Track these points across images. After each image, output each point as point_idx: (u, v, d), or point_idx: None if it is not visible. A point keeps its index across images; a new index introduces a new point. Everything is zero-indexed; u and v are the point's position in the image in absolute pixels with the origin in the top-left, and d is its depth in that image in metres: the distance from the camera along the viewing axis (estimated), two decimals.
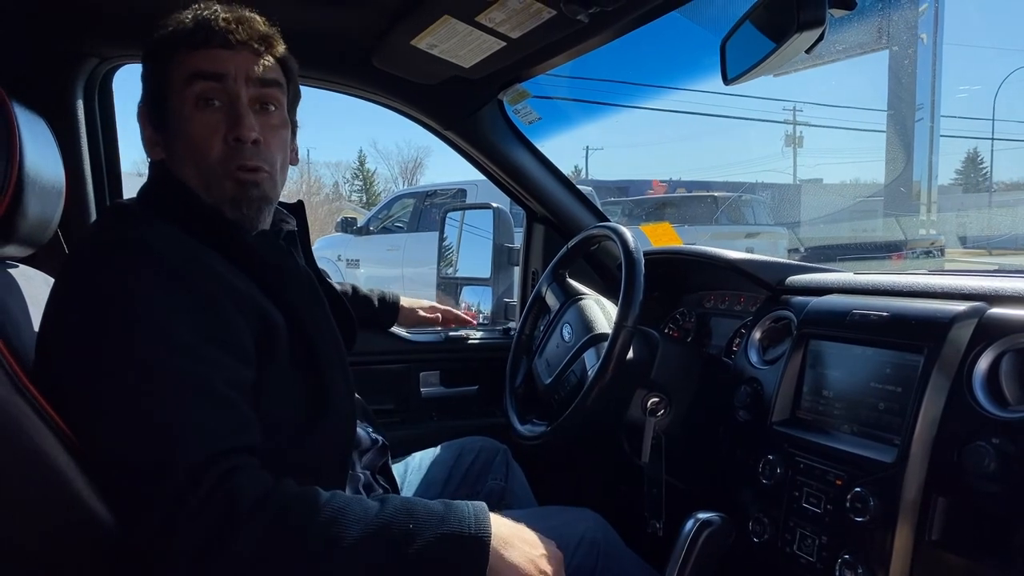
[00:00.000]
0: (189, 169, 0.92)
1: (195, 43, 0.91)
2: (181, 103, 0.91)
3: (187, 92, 0.91)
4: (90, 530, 0.74)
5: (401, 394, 1.79)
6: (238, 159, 0.92)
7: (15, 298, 0.91)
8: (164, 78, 0.93)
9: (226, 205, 0.93)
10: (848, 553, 0.93)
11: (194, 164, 0.92)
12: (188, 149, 0.92)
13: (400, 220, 8.35)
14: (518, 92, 1.63)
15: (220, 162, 0.92)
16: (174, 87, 0.92)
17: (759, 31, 1.02)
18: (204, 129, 0.91)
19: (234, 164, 0.92)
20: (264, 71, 0.94)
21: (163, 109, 0.94)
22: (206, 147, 0.91)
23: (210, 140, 0.91)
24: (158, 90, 0.94)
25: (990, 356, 0.88)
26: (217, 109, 0.91)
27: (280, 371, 0.89)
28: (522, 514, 0.87)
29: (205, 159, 0.91)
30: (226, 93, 0.92)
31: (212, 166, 0.91)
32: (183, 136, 0.92)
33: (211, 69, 0.91)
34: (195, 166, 0.92)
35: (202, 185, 0.93)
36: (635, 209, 10.72)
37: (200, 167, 0.92)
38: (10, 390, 0.72)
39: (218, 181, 0.92)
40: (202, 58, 0.91)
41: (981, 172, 33.68)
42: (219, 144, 0.91)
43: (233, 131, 0.91)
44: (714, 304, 1.56)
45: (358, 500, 0.78)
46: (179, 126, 0.92)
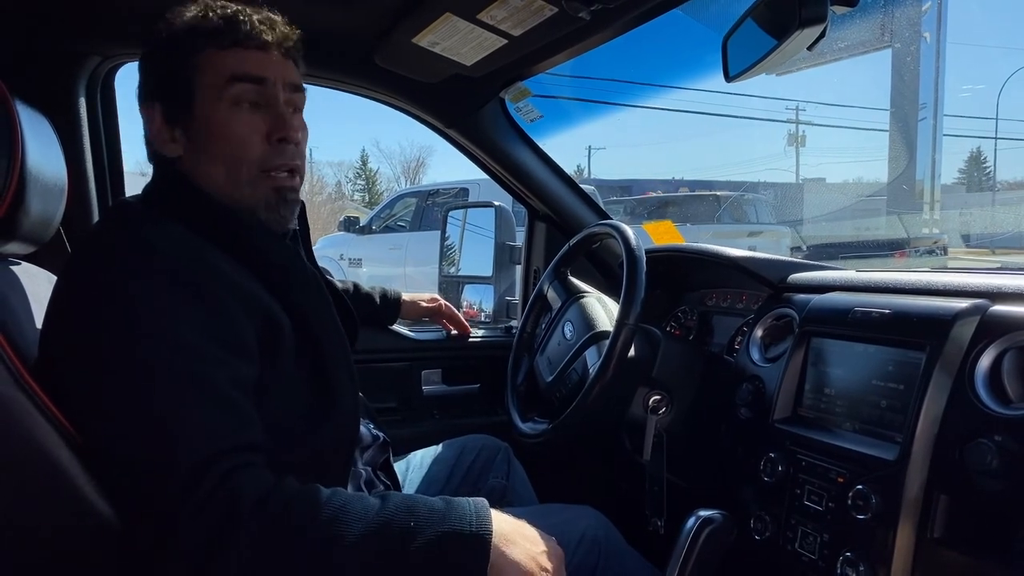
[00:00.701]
0: (217, 168, 0.92)
1: (226, 42, 0.91)
2: (215, 102, 0.91)
3: (224, 92, 0.90)
4: (92, 527, 0.74)
5: (403, 392, 1.79)
6: (278, 159, 0.93)
7: (17, 295, 0.92)
8: (189, 73, 0.91)
9: (261, 207, 0.94)
10: (850, 551, 0.92)
11: (227, 164, 0.92)
12: (223, 149, 0.91)
13: (402, 219, 8.36)
14: (520, 90, 1.63)
15: (260, 162, 0.92)
16: (204, 85, 0.91)
17: (761, 28, 1.02)
18: (244, 129, 0.91)
19: (273, 164, 0.93)
20: (294, 74, 0.96)
21: (186, 106, 0.92)
22: (247, 147, 0.92)
23: (250, 140, 0.91)
24: (178, 86, 0.92)
25: (992, 353, 0.88)
26: (256, 110, 0.92)
27: (285, 370, 0.89)
28: (523, 512, 0.87)
29: (243, 159, 0.92)
30: (266, 95, 0.92)
31: (250, 167, 0.92)
32: (218, 135, 0.91)
33: (254, 73, 0.91)
34: (228, 165, 0.92)
35: (231, 184, 0.92)
36: (637, 208, 10.72)
37: (236, 168, 0.92)
38: (12, 386, 0.72)
39: (254, 182, 0.93)
40: (239, 59, 0.91)
41: (984, 171, 33.62)
42: (260, 144, 0.92)
43: (278, 132, 0.92)
44: (716, 302, 1.56)
45: (359, 498, 0.78)
46: (211, 125, 0.91)
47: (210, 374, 0.78)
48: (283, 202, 0.95)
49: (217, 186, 0.93)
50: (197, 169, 0.93)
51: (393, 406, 1.78)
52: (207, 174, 0.93)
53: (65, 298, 0.84)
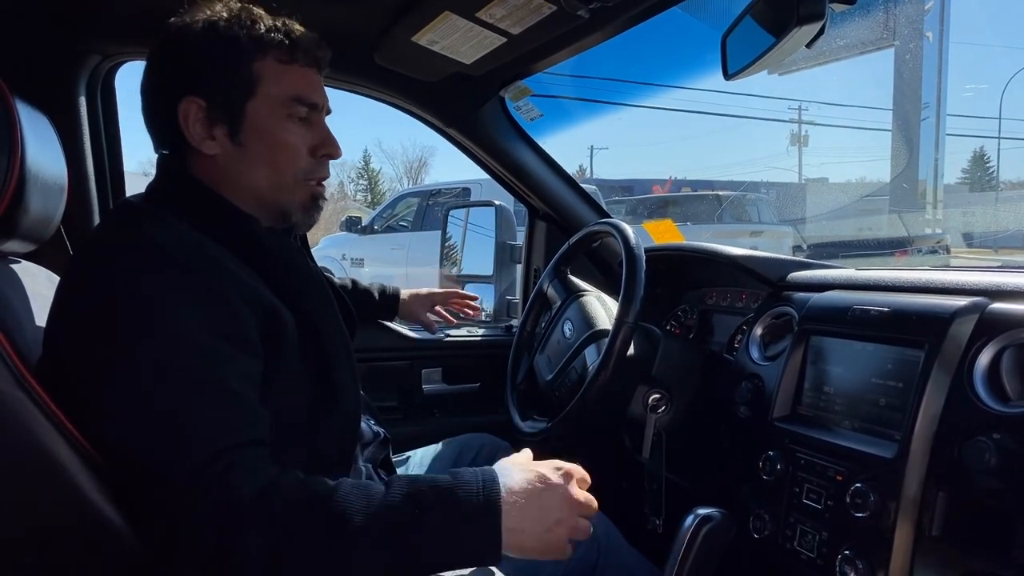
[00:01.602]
0: (261, 170, 0.95)
1: (286, 57, 0.94)
2: (272, 111, 0.94)
3: (284, 108, 0.95)
4: (93, 526, 0.74)
5: (403, 391, 1.79)
6: (320, 172, 1.00)
7: (17, 294, 0.92)
8: (249, 79, 0.93)
9: (297, 210, 0.99)
10: (849, 548, 0.92)
11: (274, 168, 0.95)
12: (273, 154, 0.95)
13: (404, 219, 8.37)
14: (520, 89, 1.63)
15: (304, 172, 0.98)
16: (264, 94, 0.93)
17: (759, 26, 1.02)
18: (296, 141, 0.96)
19: (316, 177, 1.00)
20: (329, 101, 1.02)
21: (237, 110, 0.93)
22: (296, 157, 0.96)
23: (299, 152, 0.97)
24: (236, 88, 0.93)
25: (991, 351, 0.88)
26: (305, 125, 0.97)
27: (288, 367, 0.89)
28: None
29: (291, 167, 0.96)
30: (315, 116, 0.98)
31: (295, 174, 0.97)
32: (271, 143, 0.95)
33: (312, 99, 0.97)
34: (274, 170, 0.96)
35: (273, 187, 0.96)
36: (639, 207, 10.72)
37: (282, 173, 0.96)
38: (12, 385, 0.72)
39: (294, 188, 0.98)
40: (299, 79, 0.96)
41: (987, 171, 33.54)
42: (305, 156, 0.97)
43: (324, 149, 0.99)
44: (716, 301, 1.56)
45: (364, 485, 0.78)
46: (267, 133, 0.94)
47: (218, 370, 0.78)
48: (315, 207, 1.02)
49: (256, 187, 0.96)
50: (230, 169, 0.94)
51: (394, 404, 1.78)
52: (247, 174, 0.95)
53: (70, 297, 0.84)
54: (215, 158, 0.94)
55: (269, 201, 0.97)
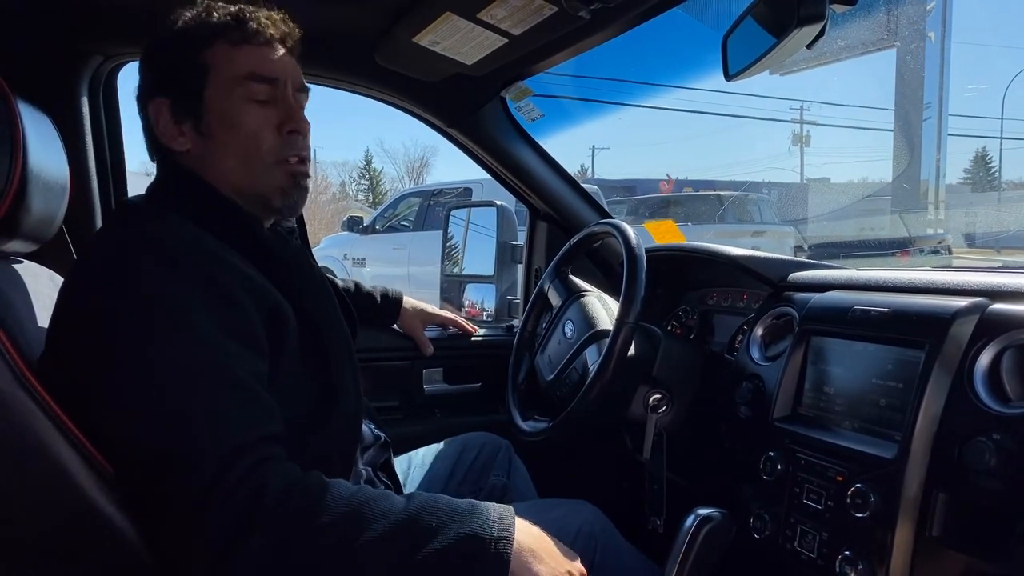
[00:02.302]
0: (230, 159, 0.94)
1: (236, 38, 0.93)
2: (228, 97, 0.93)
3: (238, 88, 0.93)
4: (94, 526, 0.74)
5: (405, 391, 1.79)
6: (291, 150, 0.97)
7: (19, 294, 0.92)
8: (200, 68, 0.93)
9: (276, 194, 0.97)
10: (849, 549, 0.92)
11: (242, 155, 0.94)
12: (237, 141, 0.94)
13: (406, 219, 8.37)
14: (521, 89, 1.63)
15: (272, 153, 0.95)
16: (217, 79, 0.93)
17: (760, 26, 1.02)
18: (258, 121, 0.94)
19: (286, 155, 0.96)
20: (299, 74, 1.00)
21: (197, 99, 0.94)
22: (260, 139, 0.94)
23: (263, 132, 0.94)
24: (190, 80, 0.93)
25: (991, 352, 0.88)
26: (267, 104, 0.95)
27: (290, 366, 0.89)
28: (520, 507, 0.87)
29: (257, 150, 0.94)
30: (277, 93, 0.96)
31: (264, 157, 0.95)
32: (232, 128, 0.94)
33: (267, 73, 0.94)
34: (242, 157, 0.94)
35: (246, 175, 0.95)
36: (640, 207, 10.72)
37: (251, 158, 0.95)
38: (14, 385, 0.72)
39: (268, 171, 0.96)
40: (251, 57, 0.94)
41: (989, 171, 33.50)
42: (272, 136, 0.95)
43: (289, 124, 0.96)
44: (716, 301, 1.56)
45: (384, 495, 0.78)
46: (226, 119, 0.93)
47: (231, 366, 0.78)
48: (297, 187, 0.98)
49: (230, 177, 0.95)
50: (206, 162, 0.95)
51: (395, 404, 1.78)
52: (219, 166, 0.94)
53: (75, 297, 0.84)
54: (190, 153, 0.95)
55: (247, 189, 0.96)
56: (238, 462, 0.72)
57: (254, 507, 0.70)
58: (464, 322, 1.79)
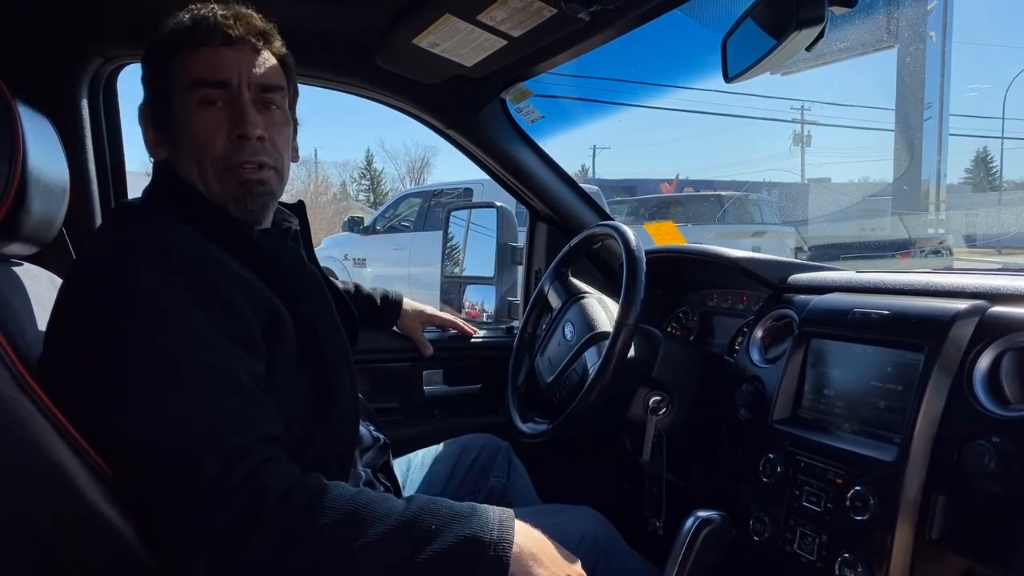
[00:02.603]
0: (192, 167, 0.93)
1: (195, 42, 0.92)
2: (184, 103, 0.92)
3: (191, 94, 0.92)
4: (94, 528, 0.75)
5: (405, 392, 1.79)
6: (241, 156, 0.93)
7: (19, 296, 0.92)
8: (166, 78, 0.94)
9: (229, 202, 0.94)
10: (848, 552, 0.92)
11: (197, 162, 0.93)
12: (191, 147, 0.93)
13: (406, 219, 8.37)
14: (520, 91, 1.63)
15: (223, 159, 0.92)
16: (176, 88, 0.93)
17: (760, 28, 1.02)
18: (207, 126, 0.92)
19: (237, 160, 0.93)
20: (265, 72, 0.95)
21: (166, 109, 0.94)
22: (209, 144, 0.92)
23: (213, 137, 0.92)
24: (160, 91, 0.95)
25: (991, 355, 0.88)
26: (220, 108, 0.92)
27: (286, 369, 0.89)
28: (523, 512, 0.87)
29: (208, 156, 0.92)
30: (229, 94, 0.93)
31: (215, 163, 0.92)
32: (186, 134, 0.93)
33: (214, 77, 0.92)
34: (198, 164, 0.93)
35: (204, 183, 0.93)
36: (640, 208, 10.71)
37: (203, 164, 0.92)
38: (13, 387, 0.72)
39: (221, 178, 0.93)
40: (204, 60, 0.92)
41: (991, 171, 33.48)
42: (222, 141, 0.92)
43: (237, 128, 0.92)
44: (717, 303, 1.55)
45: (384, 497, 0.78)
46: (182, 125, 0.93)
47: (230, 368, 0.78)
48: (250, 196, 0.94)
49: (195, 184, 0.94)
50: (182, 170, 0.95)
51: (395, 406, 1.78)
52: (188, 174, 0.94)
53: (74, 298, 0.84)
54: (168, 161, 0.96)
55: (209, 196, 0.94)
56: (238, 463, 0.72)
57: (255, 508, 0.70)
58: (463, 323, 1.79)
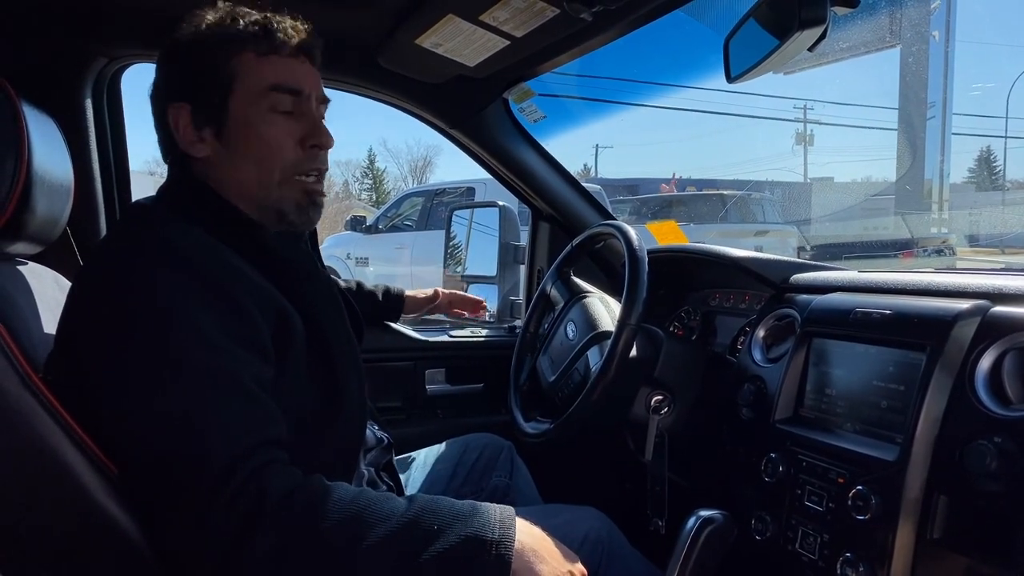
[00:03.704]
0: (249, 169, 0.94)
1: (263, 48, 0.93)
2: (252, 106, 0.93)
3: (263, 99, 0.93)
4: (99, 527, 0.75)
5: (407, 391, 1.80)
6: (310, 164, 0.97)
7: (24, 295, 0.93)
8: (226, 76, 0.92)
9: (291, 208, 0.97)
10: (850, 551, 0.93)
11: (259, 165, 0.94)
12: (256, 150, 0.94)
13: (409, 218, 8.37)
14: (523, 91, 1.63)
15: (293, 166, 0.95)
16: (243, 88, 0.93)
17: (762, 28, 1.02)
18: (279, 132, 0.94)
19: (305, 169, 0.96)
20: (320, 85, 0.99)
21: (218, 108, 0.93)
22: (279, 151, 0.94)
23: (283, 144, 0.94)
24: (210, 88, 0.93)
25: (993, 355, 0.88)
26: (291, 116, 0.95)
27: (296, 370, 0.90)
28: (526, 512, 0.87)
29: (277, 162, 0.94)
30: (301, 105, 0.96)
31: (283, 169, 0.95)
32: (252, 137, 0.93)
33: (292, 84, 0.94)
34: (260, 167, 0.94)
35: (261, 186, 0.95)
36: (642, 208, 10.70)
37: (268, 169, 0.94)
38: (19, 387, 0.72)
39: (284, 183, 0.95)
40: (278, 68, 0.94)
41: (994, 170, 33.39)
42: (293, 149, 0.95)
43: (312, 138, 0.96)
44: (719, 302, 1.56)
45: (386, 498, 0.79)
46: (246, 127, 0.93)
47: (237, 371, 0.79)
48: (312, 205, 0.99)
49: (246, 187, 0.95)
50: (223, 169, 0.94)
51: (397, 405, 1.79)
52: (236, 175, 0.94)
53: (85, 299, 0.84)
54: (208, 160, 0.94)
55: (262, 200, 0.95)
56: (241, 466, 0.72)
57: (256, 511, 0.71)
58: (470, 296, 1.80)
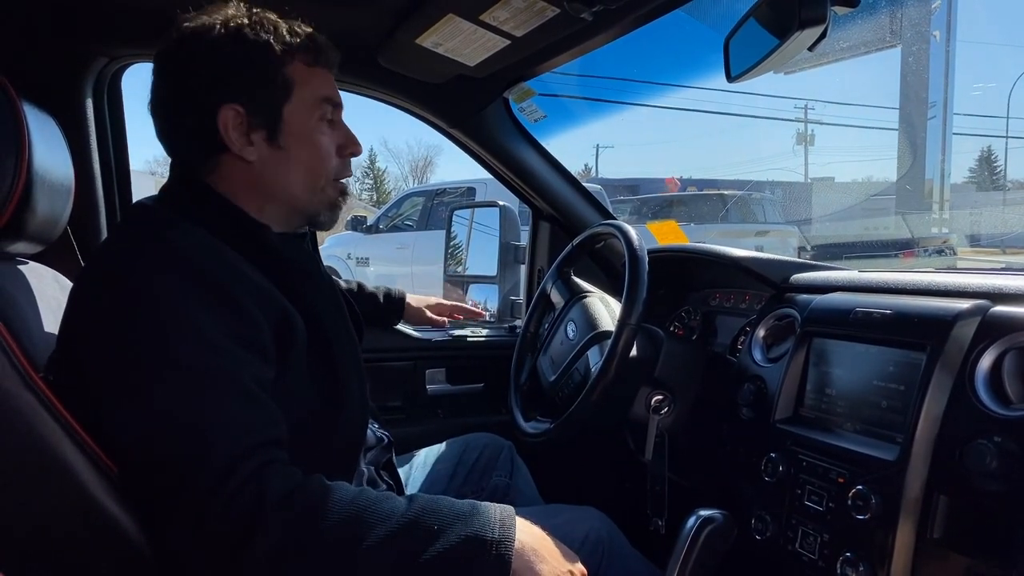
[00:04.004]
0: (299, 173, 0.98)
1: (312, 60, 0.97)
2: (306, 116, 0.97)
3: (315, 110, 0.97)
4: (101, 526, 0.75)
5: (408, 391, 1.80)
6: (346, 171, 1.05)
7: (25, 295, 0.93)
8: (284, 84, 0.94)
9: (324, 209, 1.03)
10: (850, 551, 0.92)
11: (310, 172, 0.99)
12: (310, 158, 0.98)
13: (410, 218, 8.37)
14: (523, 90, 1.63)
15: (336, 172, 1.02)
16: (295, 99, 0.95)
17: (762, 28, 1.02)
18: (327, 142, 1.00)
19: (343, 174, 1.04)
20: None
21: (272, 115, 0.94)
22: (327, 159, 1.00)
23: (330, 152, 1.00)
24: (272, 92, 0.94)
25: (993, 354, 0.88)
26: (332, 125, 1.01)
27: (297, 370, 0.90)
28: (527, 512, 0.87)
29: (325, 169, 1.00)
30: (337, 116, 1.02)
31: (328, 175, 1.01)
32: (308, 146, 0.97)
33: (336, 98, 1.01)
34: (310, 174, 0.99)
35: (308, 189, 0.99)
36: (643, 207, 10.69)
37: (317, 175, 0.99)
38: (20, 386, 0.73)
39: (327, 188, 1.01)
40: (325, 80, 0.99)
41: (995, 170, 33.38)
42: (335, 157, 1.01)
43: (351, 148, 1.03)
44: (719, 302, 1.56)
45: (386, 497, 0.79)
46: (301, 136, 0.97)
47: (237, 372, 0.79)
48: (339, 207, 1.05)
49: (291, 189, 0.98)
50: (268, 174, 0.96)
51: (397, 405, 1.79)
52: (282, 179, 0.97)
53: (87, 299, 0.84)
54: (251, 164, 0.95)
55: (304, 202, 0.99)
56: (240, 466, 0.72)
57: (256, 511, 0.71)
58: (471, 308, 1.80)
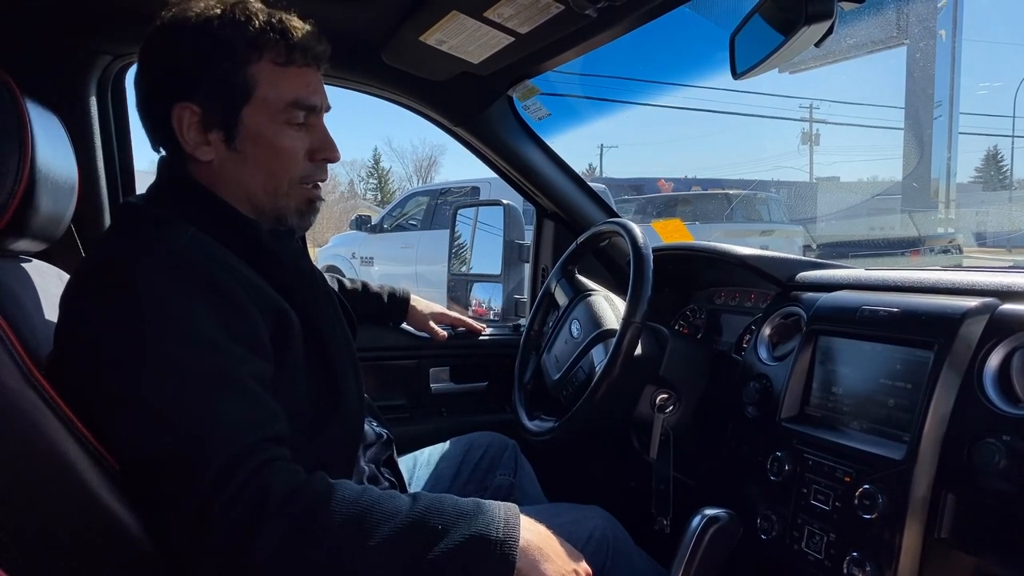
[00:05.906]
0: (258, 176, 0.94)
1: (283, 59, 0.91)
2: (268, 116, 0.92)
3: (280, 114, 0.92)
4: (103, 524, 0.75)
5: (411, 390, 1.79)
6: (318, 176, 0.99)
7: (28, 292, 0.93)
8: (241, 85, 0.90)
9: (292, 213, 0.98)
10: (856, 550, 0.92)
11: (271, 175, 0.94)
12: (269, 162, 0.94)
13: (414, 218, 8.38)
14: (528, 88, 1.63)
15: (301, 177, 0.96)
16: (261, 98, 0.91)
17: (768, 24, 1.01)
18: (292, 146, 0.94)
19: (313, 179, 0.98)
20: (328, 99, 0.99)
21: (230, 115, 0.91)
22: (291, 163, 0.95)
23: (297, 155, 0.95)
24: (231, 93, 0.90)
25: (1001, 353, 0.87)
26: (303, 128, 0.95)
27: (293, 368, 0.90)
28: (532, 511, 0.87)
29: (287, 173, 0.95)
30: (313, 119, 0.96)
31: (291, 179, 0.96)
32: (267, 149, 0.93)
33: (308, 101, 0.94)
34: (270, 177, 0.94)
35: (268, 193, 0.95)
36: (647, 206, 10.68)
37: (277, 179, 0.95)
38: (22, 384, 0.72)
39: (290, 192, 0.96)
40: (297, 82, 0.93)
41: (1001, 169, 33.24)
42: (303, 161, 0.96)
43: (324, 152, 0.97)
44: (724, 300, 1.55)
45: (390, 496, 0.78)
46: (260, 139, 0.92)
47: (235, 369, 0.79)
48: (312, 210, 1.01)
49: (250, 192, 0.94)
50: (226, 174, 0.93)
51: (401, 403, 1.78)
52: (242, 180, 0.94)
53: (82, 299, 0.84)
54: (211, 163, 0.93)
55: (265, 206, 0.96)
56: (242, 464, 0.72)
57: (258, 509, 0.71)
58: (472, 321, 1.79)
